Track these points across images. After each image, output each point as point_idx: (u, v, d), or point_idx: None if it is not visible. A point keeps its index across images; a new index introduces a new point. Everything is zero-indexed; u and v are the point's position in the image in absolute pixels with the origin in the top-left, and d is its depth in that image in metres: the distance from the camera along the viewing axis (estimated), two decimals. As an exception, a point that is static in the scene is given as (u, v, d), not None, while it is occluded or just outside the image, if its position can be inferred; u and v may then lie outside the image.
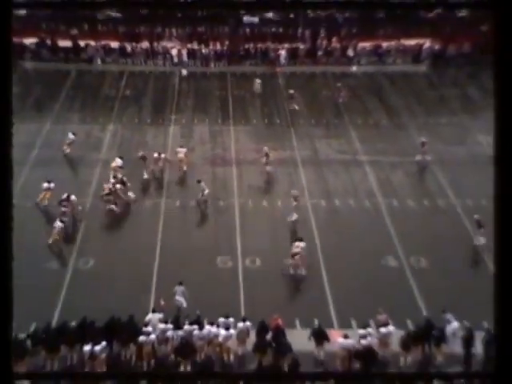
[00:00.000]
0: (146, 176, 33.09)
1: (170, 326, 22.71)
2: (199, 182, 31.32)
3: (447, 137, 38.02)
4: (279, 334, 22.45)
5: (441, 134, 38.23)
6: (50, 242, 28.13)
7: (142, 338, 22.23)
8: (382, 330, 22.71)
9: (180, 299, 24.35)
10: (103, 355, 21.90)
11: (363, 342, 22.17)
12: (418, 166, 35.06)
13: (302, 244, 27.05)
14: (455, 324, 22.99)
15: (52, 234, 28.24)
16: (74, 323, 22.76)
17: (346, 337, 22.28)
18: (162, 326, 22.67)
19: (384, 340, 22.62)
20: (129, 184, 31.35)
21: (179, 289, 24.53)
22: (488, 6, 3.20)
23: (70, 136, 35.40)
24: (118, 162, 32.78)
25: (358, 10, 45.76)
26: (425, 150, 35.14)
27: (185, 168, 33.50)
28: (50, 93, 43.25)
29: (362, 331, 22.57)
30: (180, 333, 22.51)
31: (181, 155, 33.62)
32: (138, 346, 22.35)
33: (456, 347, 22.68)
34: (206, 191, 30.97)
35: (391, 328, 22.75)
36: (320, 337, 22.48)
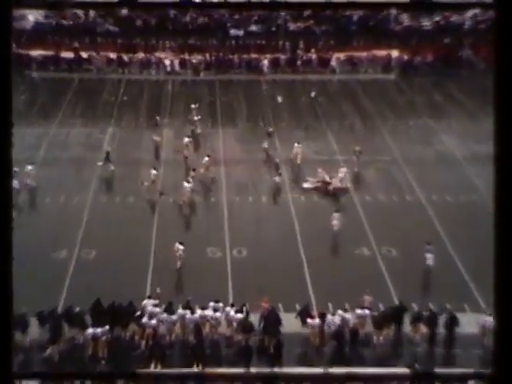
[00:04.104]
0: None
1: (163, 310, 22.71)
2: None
3: (414, 138, 38.18)
4: (271, 316, 22.47)
5: (409, 136, 38.40)
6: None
7: (144, 320, 22.21)
8: (358, 311, 22.76)
9: (429, 256, 25.61)
10: (104, 337, 21.88)
11: (330, 318, 22.22)
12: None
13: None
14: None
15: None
16: (78, 308, 22.63)
17: (312, 317, 22.37)
18: (156, 309, 22.65)
19: (360, 321, 22.69)
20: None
21: (427, 247, 25.72)
22: (488, 5, 3.05)
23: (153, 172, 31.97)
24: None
25: (360, 10, 45.05)
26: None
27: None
28: (55, 99, 42.97)
29: (340, 312, 22.64)
30: (173, 317, 22.49)
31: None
32: (140, 327, 22.34)
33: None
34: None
35: (367, 311, 22.80)
36: (305, 316, 22.50)
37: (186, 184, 30.64)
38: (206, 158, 33.25)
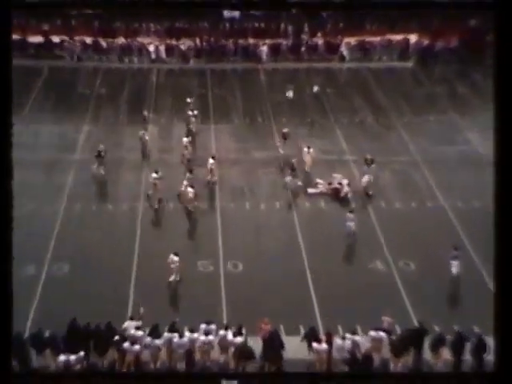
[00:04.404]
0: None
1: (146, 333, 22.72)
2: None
3: (435, 135, 38.28)
4: (272, 339, 22.46)
5: (429, 133, 38.50)
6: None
7: (126, 345, 22.15)
8: (372, 333, 22.68)
9: (454, 263, 26.15)
10: (78, 365, 21.81)
11: (339, 342, 22.11)
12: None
13: None
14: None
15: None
16: (48, 332, 22.62)
17: (319, 341, 22.36)
18: (139, 332, 22.61)
19: (375, 345, 22.62)
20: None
21: (454, 253, 26.43)
22: (488, 6, 3.26)
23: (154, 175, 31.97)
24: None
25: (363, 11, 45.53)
26: None
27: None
28: (20, 92, 42.87)
29: (348, 335, 22.62)
30: (159, 341, 22.44)
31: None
32: (121, 353, 22.29)
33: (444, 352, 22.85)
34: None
35: (382, 333, 22.73)
36: (312, 339, 22.50)
37: (189, 189, 30.77)
38: (212, 161, 33.19)
